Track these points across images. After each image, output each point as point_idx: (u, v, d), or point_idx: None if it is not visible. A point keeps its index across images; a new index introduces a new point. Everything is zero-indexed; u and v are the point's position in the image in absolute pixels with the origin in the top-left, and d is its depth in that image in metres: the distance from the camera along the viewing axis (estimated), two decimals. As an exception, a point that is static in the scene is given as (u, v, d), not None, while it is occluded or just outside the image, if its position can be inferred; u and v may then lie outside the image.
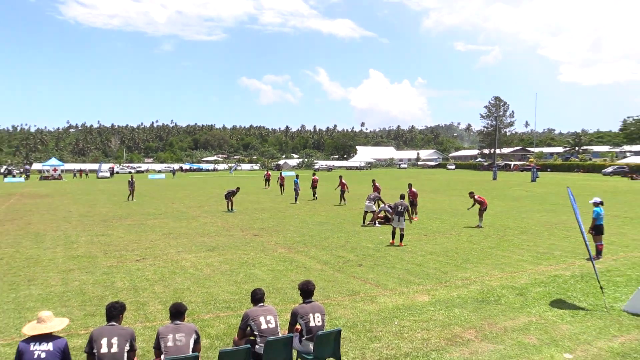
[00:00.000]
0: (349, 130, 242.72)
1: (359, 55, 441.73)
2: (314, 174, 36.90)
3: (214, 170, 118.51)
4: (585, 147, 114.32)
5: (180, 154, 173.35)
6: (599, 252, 13.20)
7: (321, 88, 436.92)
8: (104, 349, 5.13)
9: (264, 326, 6.02)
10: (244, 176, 77.31)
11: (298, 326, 6.28)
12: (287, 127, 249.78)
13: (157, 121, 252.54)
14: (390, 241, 15.59)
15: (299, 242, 16.25)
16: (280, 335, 6.07)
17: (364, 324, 8.17)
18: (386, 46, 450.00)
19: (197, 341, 5.57)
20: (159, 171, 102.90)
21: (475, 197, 19.69)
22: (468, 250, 14.70)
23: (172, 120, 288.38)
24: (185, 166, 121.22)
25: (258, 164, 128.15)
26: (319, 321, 6.23)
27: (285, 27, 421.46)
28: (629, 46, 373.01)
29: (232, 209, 25.73)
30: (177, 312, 5.65)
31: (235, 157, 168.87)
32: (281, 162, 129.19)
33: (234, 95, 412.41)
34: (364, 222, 20.16)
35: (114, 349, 5.14)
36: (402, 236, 15.40)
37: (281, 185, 38.19)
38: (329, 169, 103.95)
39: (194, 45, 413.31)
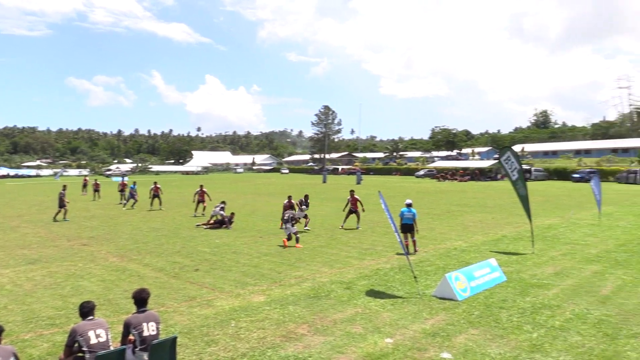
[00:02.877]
0: (185, 135, 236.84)
1: (195, 61, 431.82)
2: (123, 178, 35.89)
3: (37, 176, 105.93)
4: (401, 153, 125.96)
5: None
6: (409, 247, 14.52)
7: (156, 91, 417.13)
8: None
9: (93, 341, 5.71)
10: (71, 182, 70.39)
11: (132, 337, 6.05)
12: (119, 130, 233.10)
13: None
14: (284, 240, 16.04)
15: (132, 250, 15.47)
16: (112, 348, 5.80)
17: (200, 329, 8.13)
18: (222, 53, 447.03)
19: None
20: None
21: (355, 196, 20.31)
22: (300, 250, 15.35)
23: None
24: (2, 171, 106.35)
25: (87, 169, 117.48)
26: (153, 330, 6.08)
27: (118, 27, 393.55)
28: (435, 65, 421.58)
29: (65, 218, 23.33)
30: None
31: (61, 162, 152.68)
32: (113, 167, 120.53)
33: (60, 95, 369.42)
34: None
35: None
36: (297, 239, 15.97)
37: (96, 190, 36.54)
38: (123, 174, 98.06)
39: (13, 40, 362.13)
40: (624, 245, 15.72)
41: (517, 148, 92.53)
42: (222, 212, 20.79)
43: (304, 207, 20.13)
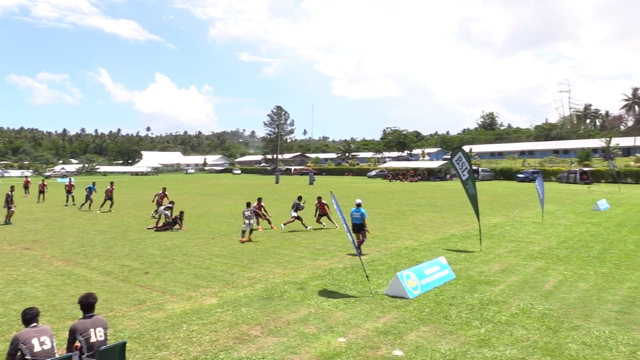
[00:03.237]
0: (134, 134, 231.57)
1: (145, 59, 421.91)
2: (70, 179, 34.95)
3: None
4: (354, 154, 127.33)
5: None
6: (358, 247, 14.67)
7: (104, 90, 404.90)
8: None
9: (37, 348, 5.49)
10: (15, 183, 67.23)
11: (78, 343, 5.84)
12: (64, 130, 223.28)
13: None
14: (242, 239, 17.02)
15: (79, 254, 14.93)
16: (57, 356, 5.60)
17: (151, 333, 7.94)
18: (173, 51, 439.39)
19: None
20: None
21: (322, 201, 20.44)
22: (253, 250, 15.26)
23: None
24: None
25: (30, 170, 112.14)
26: (101, 336, 5.90)
27: (63, 22, 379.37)
28: (386, 67, 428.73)
29: (7, 220, 22.23)
30: None
31: (2, 162, 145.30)
32: (58, 167, 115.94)
33: (0, 93, 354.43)
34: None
35: None
36: (251, 231, 17.38)
37: (41, 192, 35.11)
38: (64, 175, 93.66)
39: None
40: (565, 242, 16.43)
41: (465, 149, 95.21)
42: (167, 212, 20.37)
43: (301, 205, 20.44)
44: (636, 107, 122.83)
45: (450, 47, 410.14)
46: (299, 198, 20.80)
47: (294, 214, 19.92)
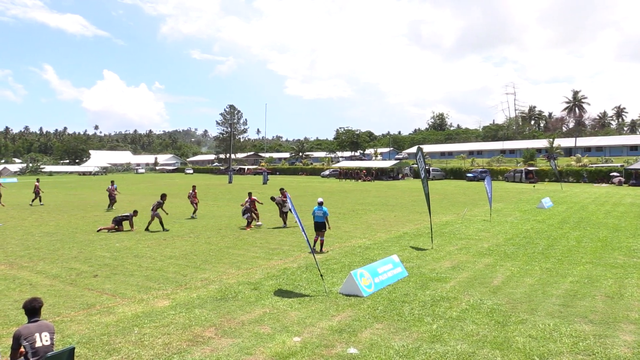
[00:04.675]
0: (82, 133, 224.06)
1: (92, 55, 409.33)
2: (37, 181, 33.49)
3: None
4: (307, 153, 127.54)
5: None
6: (320, 246, 14.89)
7: (49, 86, 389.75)
8: None
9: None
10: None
11: (22, 349, 5.61)
12: (7, 128, 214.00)
13: None
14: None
15: (23, 257, 14.29)
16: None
17: (101, 338, 7.70)
18: (122, 48, 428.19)
19: None
20: None
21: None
22: (206, 251, 15.05)
23: None
24: None
25: None
26: (47, 340, 5.70)
27: (4, 16, 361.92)
28: (339, 68, 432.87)
29: None
30: None
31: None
32: (0, 167, 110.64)
33: None
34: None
35: None
36: (248, 223, 19.78)
37: None
38: None
39: None
40: (511, 239, 17.01)
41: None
42: (155, 212, 19.67)
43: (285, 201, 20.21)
44: (576, 110, 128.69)
45: (401, 49, 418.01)
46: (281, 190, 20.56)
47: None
